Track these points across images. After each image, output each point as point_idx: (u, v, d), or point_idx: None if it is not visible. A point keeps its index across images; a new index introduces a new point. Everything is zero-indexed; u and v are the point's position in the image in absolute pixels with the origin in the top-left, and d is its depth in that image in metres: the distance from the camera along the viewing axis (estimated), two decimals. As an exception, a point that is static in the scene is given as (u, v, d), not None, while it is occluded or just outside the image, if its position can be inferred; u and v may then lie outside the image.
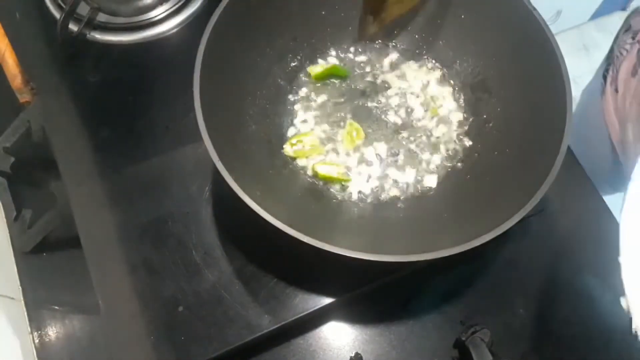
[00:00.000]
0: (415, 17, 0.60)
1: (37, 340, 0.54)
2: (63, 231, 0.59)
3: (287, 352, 0.52)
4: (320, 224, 0.50)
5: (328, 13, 0.59)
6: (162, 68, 0.65)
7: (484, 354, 0.48)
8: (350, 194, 0.55)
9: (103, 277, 0.53)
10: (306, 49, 0.60)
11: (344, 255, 0.41)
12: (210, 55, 0.48)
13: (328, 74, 0.60)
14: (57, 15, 0.66)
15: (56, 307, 0.56)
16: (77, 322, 0.56)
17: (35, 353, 0.54)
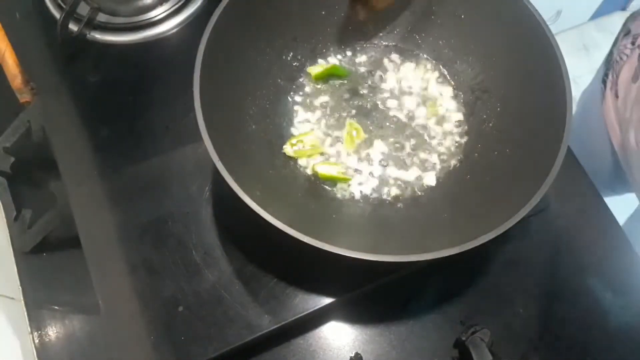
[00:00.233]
0: (415, 18, 0.60)
1: (37, 340, 0.54)
2: (63, 231, 0.59)
3: (287, 352, 0.52)
4: (320, 224, 0.50)
5: (328, 13, 0.59)
6: (162, 68, 0.65)
7: (484, 354, 0.48)
8: (351, 193, 0.55)
9: (103, 277, 0.53)
10: (306, 49, 0.60)
11: (344, 255, 0.41)
12: (210, 55, 0.48)
13: (328, 74, 0.60)
14: (57, 15, 0.66)
15: (56, 307, 0.56)
16: (77, 322, 0.56)
17: (35, 353, 0.54)
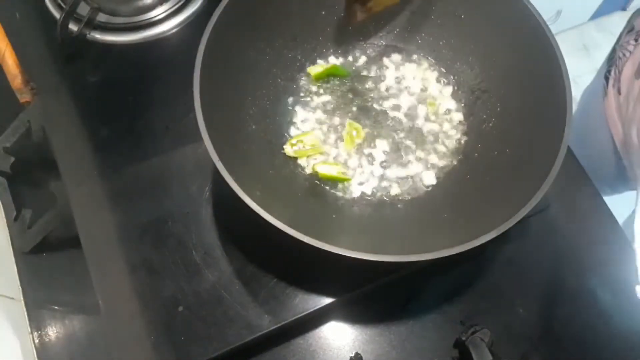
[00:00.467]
0: (415, 18, 0.60)
1: (37, 340, 0.54)
2: (63, 231, 0.59)
3: (287, 352, 0.52)
4: (320, 224, 0.50)
5: (328, 13, 0.59)
6: (162, 68, 0.65)
7: (484, 354, 0.48)
8: (351, 193, 0.55)
9: (103, 277, 0.53)
10: (306, 49, 0.60)
11: (344, 255, 0.41)
12: (210, 55, 0.48)
13: (328, 74, 0.60)
14: (57, 15, 0.66)
15: (56, 307, 0.56)
16: (77, 322, 0.56)
17: (35, 353, 0.54)
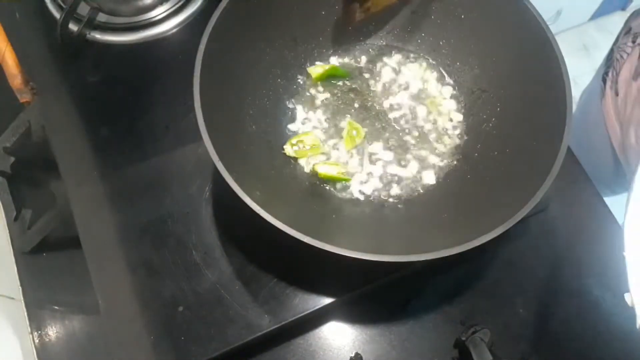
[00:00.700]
0: (415, 18, 0.60)
1: (37, 340, 0.54)
2: (63, 231, 0.59)
3: (287, 352, 0.52)
4: (320, 224, 0.50)
5: (328, 13, 0.59)
6: (162, 68, 0.65)
7: (484, 354, 0.48)
8: (351, 193, 0.55)
9: (103, 277, 0.53)
10: (306, 50, 0.60)
11: (344, 255, 0.41)
12: (210, 55, 0.48)
13: (328, 75, 0.60)
14: (57, 15, 0.66)
15: (56, 307, 0.56)
16: (77, 322, 0.56)
17: (35, 353, 0.54)
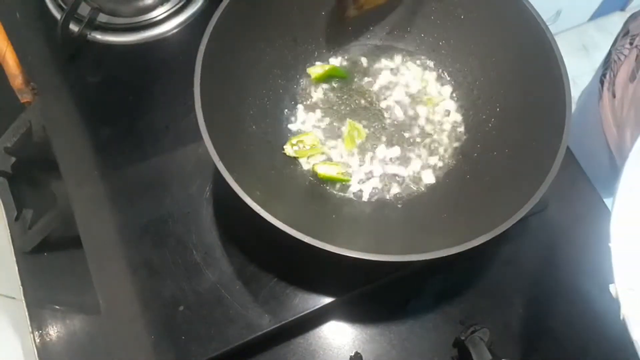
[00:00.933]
0: (415, 18, 0.60)
1: (38, 340, 0.55)
2: (64, 231, 0.59)
3: (287, 352, 0.52)
4: (320, 224, 0.50)
5: (328, 14, 0.59)
6: (163, 68, 0.65)
7: (484, 353, 0.48)
8: (351, 193, 0.55)
9: (103, 277, 0.53)
10: (306, 50, 0.60)
11: (344, 255, 0.41)
12: (211, 55, 0.48)
13: (328, 75, 0.60)
14: (58, 15, 0.66)
15: (57, 307, 0.56)
16: (78, 322, 0.56)
17: (36, 352, 0.54)
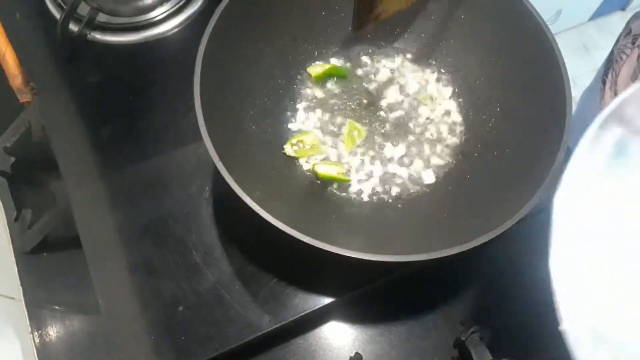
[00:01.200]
0: (415, 18, 0.60)
1: (38, 340, 0.54)
2: (63, 231, 0.59)
3: (287, 352, 0.52)
4: (320, 224, 0.50)
5: (328, 14, 0.59)
6: (162, 68, 0.65)
7: (484, 354, 0.48)
8: (351, 193, 0.55)
9: (103, 277, 0.53)
10: (306, 50, 0.60)
11: (344, 255, 0.41)
12: (211, 55, 0.48)
13: (328, 75, 0.60)
14: (58, 15, 0.66)
15: (56, 307, 0.56)
16: (78, 322, 0.56)
17: (35, 353, 0.54)
